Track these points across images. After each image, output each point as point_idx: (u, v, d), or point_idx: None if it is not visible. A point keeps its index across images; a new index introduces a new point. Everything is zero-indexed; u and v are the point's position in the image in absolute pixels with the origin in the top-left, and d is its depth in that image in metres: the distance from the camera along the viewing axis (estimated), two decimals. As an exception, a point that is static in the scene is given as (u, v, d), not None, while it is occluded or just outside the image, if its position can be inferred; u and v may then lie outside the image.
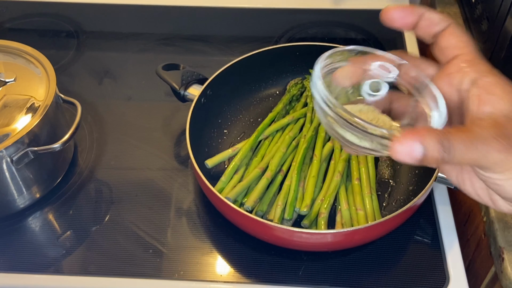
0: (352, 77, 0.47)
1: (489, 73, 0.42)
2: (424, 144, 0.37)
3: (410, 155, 0.37)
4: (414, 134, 0.37)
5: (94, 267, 0.69)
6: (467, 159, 0.38)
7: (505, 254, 0.64)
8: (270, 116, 0.82)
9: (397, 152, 0.37)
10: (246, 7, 1.09)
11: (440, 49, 0.45)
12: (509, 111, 0.40)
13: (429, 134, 0.37)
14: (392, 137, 0.39)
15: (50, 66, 0.76)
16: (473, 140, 0.38)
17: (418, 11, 0.45)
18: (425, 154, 0.37)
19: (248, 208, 0.70)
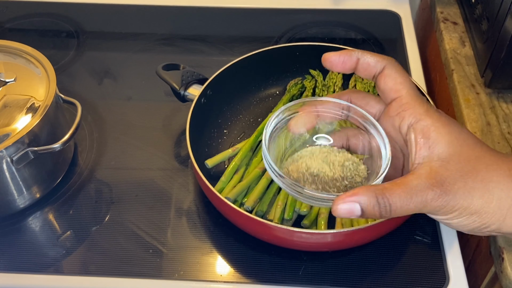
0: (306, 123, 0.50)
1: (425, 116, 0.44)
2: (361, 205, 0.41)
3: (350, 213, 0.41)
4: (352, 195, 0.41)
5: (94, 267, 0.69)
6: (406, 211, 0.41)
7: (505, 254, 0.64)
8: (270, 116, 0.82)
9: (339, 212, 0.42)
10: (246, 7, 1.09)
11: (380, 91, 0.48)
12: (445, 153, 0.42)
13: (367, 194, 0.41)
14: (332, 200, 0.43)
15: (50, 66, 0.76)
16: (409, 193, 0.41)
17: (354, 56, 0.47)
18: (364, 212, 0.41)
19: (248, 208, 0.70)
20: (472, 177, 0.41)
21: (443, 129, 0.43)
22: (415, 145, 0.43)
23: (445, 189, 0.41)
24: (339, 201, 0.41)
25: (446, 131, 0.43)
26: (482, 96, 0.83)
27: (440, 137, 0.43)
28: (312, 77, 0.88)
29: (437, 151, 0.42)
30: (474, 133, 0.78)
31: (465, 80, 0.86)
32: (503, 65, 0.78)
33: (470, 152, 0.42)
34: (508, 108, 0.81)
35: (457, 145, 0.42)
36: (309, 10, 1.08)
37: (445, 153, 0.42)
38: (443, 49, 0.94)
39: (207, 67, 0.95)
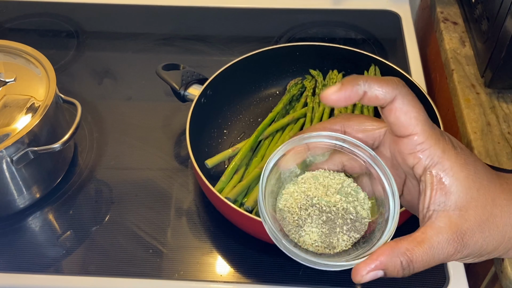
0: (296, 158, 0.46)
1: (442, 158, 0.42)
2: (385, 270, 0.40)
3: (372, 278, 0.40)
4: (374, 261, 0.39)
5: (94, 267, 0.69)
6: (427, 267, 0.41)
7: (505, 254, 0.64)
8: (270, 116, 0.82)
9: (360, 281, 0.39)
10: (246, 7, 1.09)
11: (390, 123, 0.43)
12: (462, 201, 0.41)
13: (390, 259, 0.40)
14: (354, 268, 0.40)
15: (50, 66, 0.76)
16: (431, 252, 0.40)
17: (361, 90, 0.42)
18: (387, 275, 0.40)
19: (248, 208, 0.70)
20: (488, 225, 0.41)
21: (461, 174, 0.41)
22: (431, 189, 0.41)
23: (464, 243, 0.40)
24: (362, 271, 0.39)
25: (463, 175, 0.41)
26: (482, 96, 0.83)
27: (457, 182, 0.41)
28: (312, 77, 0.88)
29: (454, 198, 0.41)
30: (474, 133, 0.78)
31: (465, 80, 0.86)
32: (503, 65, 0.78)
33: (486, 196, 0.41)
34: (508, 108, 0.81)
35: (474, 190, 0.41)
36: (309, 10, 1.08)
37: (463, 201, 0.41)
38: (443, 49, 0.94)
39: (207, 67, 0.95)
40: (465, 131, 0.79)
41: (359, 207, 0.46)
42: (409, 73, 0.92)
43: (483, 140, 0.77)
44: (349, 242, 0.44)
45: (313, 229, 0.44)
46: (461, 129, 0.82)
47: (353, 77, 0.42)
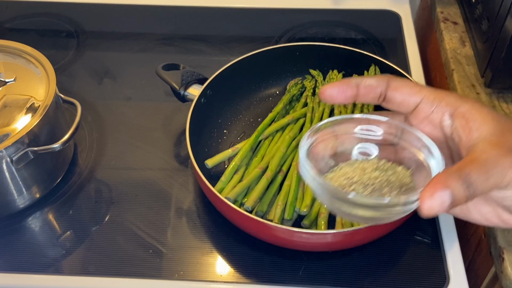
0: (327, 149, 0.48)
1: (461, 102, 0.43)
2: (451, 190, 0.37)
3: (442, 205, 0.37)
4: (438, 184, 0.37)
5: (94, 267, 0.69)
6: (489, 186, 0.39)
7: (505, 254, 0.64)
8: (270, 116, 0.82)
9: (430, 208, 0.37)
10: (246, 7, 1.09)
11: (397, 104, 0.45)
12: (495, 129, 0.41)
13: (452, 178, 0.38)
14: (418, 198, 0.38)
15: (50, 66, 0.76)
16: (485, 167, 0.38)
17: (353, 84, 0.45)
18: (454, 198, 0.37)
19: (248, 208, 0.70)
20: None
21: (483, 109, 0.42)
22: (463, 130, 0.42)
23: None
24: (426, 196, 0.37)
25: (486, 110, 0.42)
26: (482, 96, 0.83)
27: (484, 116, 0.42)
28: (312, 77, 0.88)
29: (487, 129, 0.41)
30: (474, 133, 0.78)
31: (465, 80, 0.86)
32: (503, 65, 0.78)
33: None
34: (508, 108, 0.81)
35: (502, 120, 0.42)
36: (309, 10, 1.08)
37: (495, 128, 0.41)
38: (443, 49, 0.94)
39: (207, 67, 0.95)
40: (465, 131, 0.79)
41: (401, 176, 0.46)
42: (409, 73, 0.92)
43: (483, 140, 0.77)
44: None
45: None
46: (461, 129, 0.82)
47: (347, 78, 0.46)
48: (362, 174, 0.45)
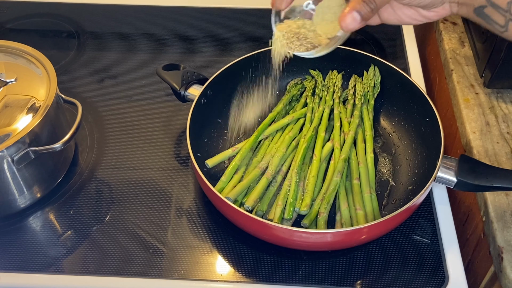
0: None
1: None
2: (357, 9, 0.52)
3: (354, 22, 0.53)
4: (348, 9, 0.52)
5: (94, 266, 0.69)
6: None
7: (504, 254, 0.64)
8: (270, 116, 0.82)
9: (346, 25, 0.53)
10: (246, 7, 1.09)
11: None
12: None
13: (355, 2, 0.52)
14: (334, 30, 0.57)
15: (50, 66, 0.76)
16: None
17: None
18: (361, 14, 0.52)
19: (248, 208, 0.71)
20: None
21: None
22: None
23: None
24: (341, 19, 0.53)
25: None
26: (481, 96, 0.83)
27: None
28: (312, 77, 0.88)
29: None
30: (473, 133, 0.78)
31: (465, 80, 0.86)
32: (502, 65, 0.79)
33: None
34: (507, 108, 0.81)
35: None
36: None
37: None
38: (442, 49, 0.94)
39: (207, 67, 0.95)
40: (464, 131, 0.80)
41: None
42: (408, 73, 0.92)
43: (482, 140, 0.77)
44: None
45: None
46: (460, 129, 0.82)
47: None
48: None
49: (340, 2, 0.60)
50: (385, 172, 0.78)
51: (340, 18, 0.53)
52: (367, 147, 0.78)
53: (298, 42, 0.61)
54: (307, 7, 0.63)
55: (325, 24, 0.61)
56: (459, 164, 0.68)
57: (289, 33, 0.62)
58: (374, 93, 0.84)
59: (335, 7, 0.60)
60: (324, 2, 0.61)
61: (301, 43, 0.61)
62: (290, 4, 0.61)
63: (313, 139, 0.79)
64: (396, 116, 0.84)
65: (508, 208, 0.69)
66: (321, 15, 0.61)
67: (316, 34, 0.62)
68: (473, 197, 0.77)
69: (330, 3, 0.61)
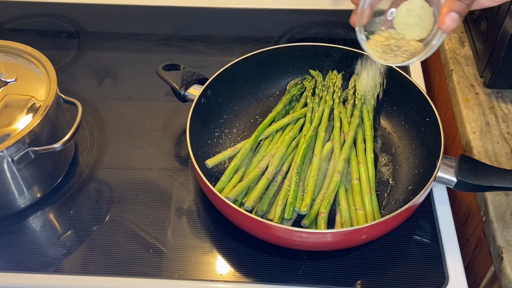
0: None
1: None
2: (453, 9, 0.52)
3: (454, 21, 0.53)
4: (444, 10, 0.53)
5: (94, 266, 0.69)
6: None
7: (504, 254, 0.64)
8: (270, 116, 0.82)
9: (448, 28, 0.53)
10: (246, 7, 1.09)
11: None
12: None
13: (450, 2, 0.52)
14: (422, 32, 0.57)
15: (50, 66, 0.76)
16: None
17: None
18: (459, 12, 0.52)
19: (248, 208, 0.71)
20: None
21: None
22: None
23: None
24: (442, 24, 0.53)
25: None
26: (481, 96, 0.83)
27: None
28: (312, 77, 0.88)
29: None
30: (473, 133, 0.78)
31: (465, 80, 0.86)
32: (502, 65, 0.79)
33: None
34: (507, 108, 0.81)
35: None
36: (309, 10, 1.09)
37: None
38: (442, 49, 0.94)
39: (207, 67, 0.95)
40: (464, 131, 0.80)
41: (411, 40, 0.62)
42: (408, 73, 0.92)
43: (482, 140, 0.77)
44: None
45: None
46: (460, 129, 0.82)
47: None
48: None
49: (421, 3, 0.60)
50: (385, 172, 0.78)
51: (440, 21, 0.53)
52: (367, 147, 0.78)
53: (392, 54, 0.61)
54: (390, 16, 0.62)
55: (410, 28, 0.61)
56: (459, 164, 0.68)
57: (381, 47, 0.61)
58: (374, 93, 0.84)
59: (416, 9, 0.60)
60: (403, 7, 0.61)
61: (395, 54, 0.60)
62: (370, 16, 0.61)
63: (313, 139, 0.79)
64: (396, 116, 0.84)
65: (508, 208, 0.69)
66: (403, 19, 0.61)
67: (406, 40, 0.61)
68: (473, 197, 0.77)
69: (409, 7, 0.60)
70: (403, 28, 0.61)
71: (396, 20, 0.61)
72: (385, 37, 0.62)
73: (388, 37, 0.61)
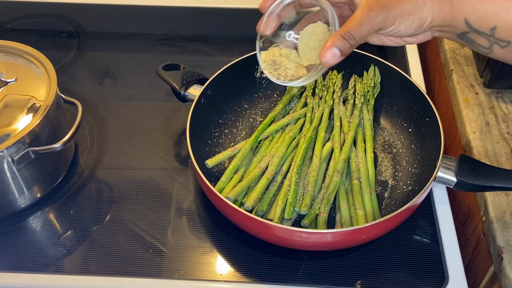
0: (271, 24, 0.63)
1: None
2: (337, 46, 0.54)
3: (334, 57, 0.54)
4: (328, 44, 0.54)
5: (94, 266, 0.69)
6: (366, 33, 0.55)
7: (504, 254, 0.64)
8: (270, 116, 0.82)
9: (327, 61, 0.54)
10: (246, 7, 1.09)
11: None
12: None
13: (336, 37, 0.54)
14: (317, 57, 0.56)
15: (51, 66, 0.76)
16: (359, 22, 0.54)
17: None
18: (341, 50, 0.54)
19: (248, 207, 0.71)
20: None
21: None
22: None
23: (381, 6, 0.54)
24: (322, 54, 0.54)
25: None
26: (481, 96, 0.83)
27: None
28: (312, 77, 0.88)
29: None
30: (473, 133, 0.78)
31: (464, 80, 0.86)
32: (502, 65, 0.79)
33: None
34: (507, 108, 0.81)
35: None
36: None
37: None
38: (442, 49, 0.94)
39: (207, 67, 0.95)
40: (464, 131, 0.80)
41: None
42: (408, 74, 0.92)
43: (482, 140, 0.77)
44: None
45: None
46: (460, 129, 0.82)
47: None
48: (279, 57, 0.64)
49: (324, 30, 0.61)
50: (385, 172, 0.78)
51: (321, 53, 0.54)
52: (367, 147, 0.78)
53: (279, 71, 0.63)
54: (289, 38, 0.64)
55: (308, 51, 0.62)
56: (459, 164, 0.68)
57: (271, 61, 0.64)
58: (374, 93, 0.84)
59: (319, 34, 0.61)
60: (309, 28, 0.62)
61: (282, 73, 0.63)
62: (274, 30, 0.63)
63: (313, 139, 0.79)
64: (396, 116, 0.84)
65: (508, 208, 0.69)
66: (306, 40, 0.62)
67: (298, 66, 0.63)
68: (473, 197, 0.77)
69: (314, 30, 0.62)
70: (303, 49, 0.63)
71: (300, 39, 0.63)
72: (281, 53, 0.63)
73: (283, 55, 0.63)
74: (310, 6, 0.63)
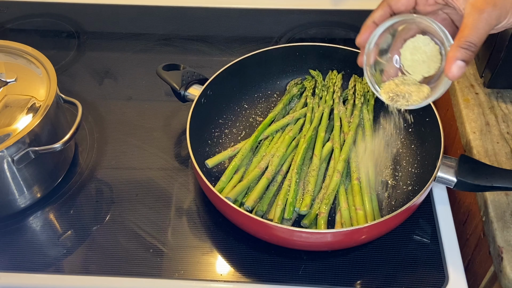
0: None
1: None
2: (459, 58, 0.53)
3: (461, 69, 0.54)
4: (449, 60, 0.54)
5: (94, 266, 0.69)
6: (484, 35, 0.54)
7: (504, 254, 0.64)
8: (270, 116, 0.82)
9: (455, 77, 0.54)
10: (246, 7, 1.09)
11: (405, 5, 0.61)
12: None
13: (455, 50, 0.53)
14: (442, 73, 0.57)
15: (51, 66, 0.76)
16: (474, 26, 0.53)
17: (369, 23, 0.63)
18: (465, 60, 0.53)
19: (248, 207, 0.71)
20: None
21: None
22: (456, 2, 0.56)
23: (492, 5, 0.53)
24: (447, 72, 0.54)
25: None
26: (481, 96, 0.83)
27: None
28: (312, 77, 0.88)
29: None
30: (473, 133, 0.78)
31: (464, 80, 0.86)
32: (502, 65, 0.79)
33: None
34: (507, 108, 0.81)
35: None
36: (309, 10, 1.09)
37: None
38: (442, 49, 0.94)
39: (207, 67, 0.95)
40: (464, 131, 0.80)
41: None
42: (408, 73, 0.92)
43: (482, 140, 0.77)
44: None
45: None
46: (460, 129, 0.82)
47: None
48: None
49: (426, 41, 0.60)
50: (385, 172, 0.78)
51: (446, 69, 0.54)
52: (367, 147, 0.78)
53: (404, 100, 0.62)
54: (397, 64, 0.63)
55: (417, 65, 0.62)
56: (459, 164, 0.68)
57: (394, 95, 0.63)
58: (373, 94, 0.84)
59: (422, 46, 0.61)
60: (409, 44, 0.61)
61: (407, 100, 0.62)
62: (375, 58, 0.63)
63: (313, 139, 0.79)
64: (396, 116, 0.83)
65: (508, 208, 0.69)
66: (410, 56, 0.62)
67: (418, 87, 0.62)
68: (473, 197, 0.77)
69: (415, 44, 0.61)
70: (410, 65, 0.62)
71: (403, 56, 0.62)
72: (396, 83, 0.63)
73: (399, 83, 0.63)
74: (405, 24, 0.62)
